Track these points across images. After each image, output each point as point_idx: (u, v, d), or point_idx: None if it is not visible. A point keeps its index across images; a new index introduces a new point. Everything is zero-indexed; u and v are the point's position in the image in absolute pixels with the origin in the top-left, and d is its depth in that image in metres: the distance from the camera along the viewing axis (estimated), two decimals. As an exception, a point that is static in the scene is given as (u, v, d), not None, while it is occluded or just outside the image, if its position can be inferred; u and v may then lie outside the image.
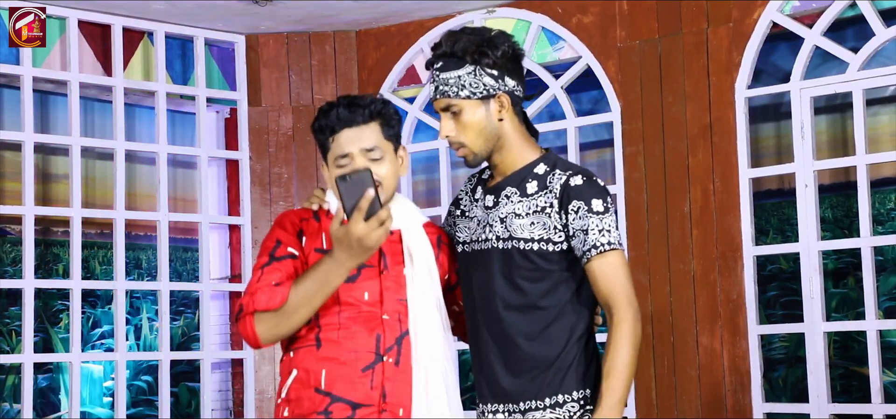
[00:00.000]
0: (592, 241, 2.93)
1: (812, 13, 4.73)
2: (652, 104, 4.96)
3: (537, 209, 2.99)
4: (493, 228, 3.03)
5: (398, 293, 3.01)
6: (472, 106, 3.01)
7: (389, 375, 2.96)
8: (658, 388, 4.87)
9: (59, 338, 5.15)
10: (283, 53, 5.61)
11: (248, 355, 5.42)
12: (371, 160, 2.96)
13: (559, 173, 3.01)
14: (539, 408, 2.98)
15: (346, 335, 2.97)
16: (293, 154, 5.56)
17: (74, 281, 4.97)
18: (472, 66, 3.00)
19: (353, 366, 2.96)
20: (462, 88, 3.00)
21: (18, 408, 4.88)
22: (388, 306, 2.99)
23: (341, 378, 2.95)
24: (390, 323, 2.99)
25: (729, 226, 4.76)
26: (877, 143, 4.84)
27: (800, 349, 4.82)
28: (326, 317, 2.98)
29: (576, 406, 2.97)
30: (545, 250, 2.97)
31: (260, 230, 5.48)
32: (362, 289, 2.98)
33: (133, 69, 5.32)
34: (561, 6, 5.16)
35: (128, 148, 5.22)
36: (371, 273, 2.99)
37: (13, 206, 4.93)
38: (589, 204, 2.95)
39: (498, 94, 3.01)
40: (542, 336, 2.98)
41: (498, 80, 3.01)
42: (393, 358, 2.97)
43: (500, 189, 3.07)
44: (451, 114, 3.03)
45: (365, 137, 2.98)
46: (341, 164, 2.96)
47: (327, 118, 2.99)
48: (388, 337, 2.98)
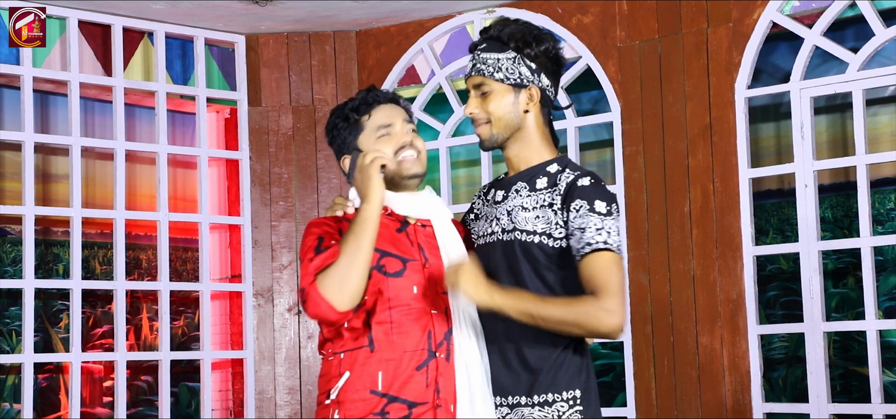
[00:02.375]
0: (589, 239, 2.92)
1: (812, 13, 4.73)
2: (652, 104, 4.96)
3: (543, 204, 3.01)
4: (499, 221, 3.06)
5: (440, 286, 3.03)
6: (503, 90, 3.06)
7: (442, 371, 2.99)
8: (658, 388, 4.87)
9: (59, 338, 5.15)
10: (283, 53, 5.61)
11: (248, 355, 5.42)
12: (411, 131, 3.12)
13: (569, 173, 3.03)
14: (528, 404, 2.99)
15: (400, 333, 2.98)
16: (293, 154, 5.55)
17: (74, 281, 4.97)
18: (513, 53, 3.05)
19: (408, 364, 2.97)
20: (498, 71, 3.05)
21: (18, 408, 4.88)
22: (434, 300, 3.01)
23: (397, 378, 2.96)
24: (438, 317, 3.01)
25: (729, 226, 4.76)
26: (877, 143, 4.84)
27: (800, 349, 4.82)
28: (378, 315, 2.99)
29: (565, 406, 2.98)
30: (545, 245, 2.98)
31: (260, 230, 5.48)
32: (410, 282, 3.01)
33: (133, 69, 5.32)
34: (561, 6, 5.16)
35: (128, 148, 5.22)
36: (415, 266, 3.03)
37: (13, 206, 4.93)
38: (592, 204, 2.95)
39: (530, 86, 3.06)
40: (536, 333, 2.97)
41: (534, 74, 3.06)
42: (444, 353, 2.99)
43: (510, 184, 3.09)
44: (480, 93, 3.09)
45: (397, 113, 3.13)
46: (382, 134, 3.08)
47: (364, 98, 3.11)
48: (437, 332, 3.00)
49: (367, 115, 3.10)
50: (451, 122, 5.44)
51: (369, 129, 3.09)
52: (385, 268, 3.00)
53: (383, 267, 3.00)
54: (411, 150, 3.10)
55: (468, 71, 3.12)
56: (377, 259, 2.99)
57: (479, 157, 5.38)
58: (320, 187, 5.54)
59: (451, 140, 5.42)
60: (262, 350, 5.44)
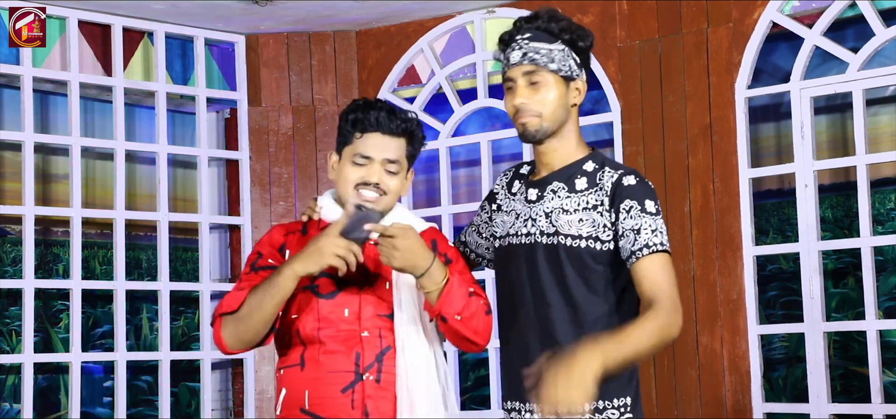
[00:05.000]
0: (644, 241, 2.89)
1: (812, 13, 4.73)
2: (652, 104, 4.96)
3: (587, 206, 2.96)
4: (536, 222, 3.01)
5: (379, 309, 3.00)
6: (557, 81, 3.01)
7: (370, 393, 2.96)
8: (658, 388, 4.87)
9: (59, 338, 5.15)
10: (283, 53, 5.61)
11: (248, 355, 5.42)
12: (388, 172, 3.01)
13: (609, 171, 2.99)
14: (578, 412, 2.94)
15: (327, 355, 2.97)
16: (293, 154, 5.55)
17: (74, 281, 4.97)
18: (563, 46, 3.01)
19: (333, 386, 2.96)
20: (552, 61, 3.00)
21: (18, 408, 4.88)
22: (368, 323, 2.99)
23: (324, 398, 2.96)
24: (370, 339, 2.98)
25: (729, 226, 4.76)
26: (877, 143, 4.84)
27: (800, 349, 4.82)
28: (307, 334, 2.99)
29: (616, 413, 2.94)
30: (592, 249, 2.94)
31: (260, 230, 5.48)
32: (342, 305, 2.99)
33: (133, 69, 5.32)
34: (561, 6, 5.15)
35: (128, 148, 5.22)
36: (351, 290, 3.00)
37: (13, 206, 4.93)
38: (642, 204, 2.93)
39: (577, 80, 3.03)
40: (585, 337, 2.87)
41: (580, 68, 3.04)
42: (373, 375, 2.97)
43: (545, 183, 3.04)
44: (530, 82, 3.00)
45: (391, 148, 3.03)
46: (359, 163, 3.00)
47: (365, 115, 3.02)
48: (367, 354, 2.98)
49: (360, 134, 3.02)
50: (451, 122, 5.44)
51: (353, 148, 3.02)
52: (319, 288, 2.99)
53: (317, 287, 2.99)
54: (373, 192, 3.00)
55: (515, 59, 3.01)
56: (312, 279, 2.97)
57: (479, 157, 5.38)
58: (320, 187, 5.54)
59: (451, 140, 5.42)
60: (261, 350, 5.43)
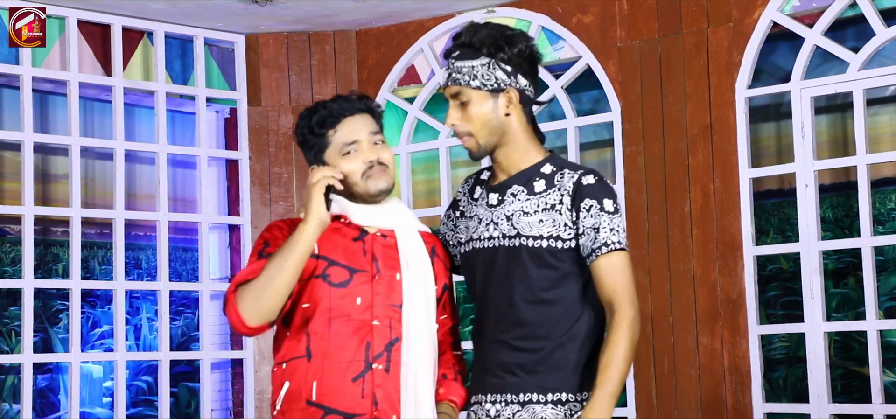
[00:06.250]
0: (603, 240, 2.96)
1: (812, 13, 4.73)
2: (652, 104, 4.95)
3: (546, 207, 3.01)
4: (498, 226, 3.04)
5: (390, 298, 3.00)
6: (481, 97, 3.03)
7: (379, 382, 2.96)
8: (658, 388, 4.87)
9: (58, 338, 5.15)
10: (283, 53, 5.60)
11: (248, 355, 5.42)
12: (377, 144, 3.03)
13: (569, 172, 3.03)
14: (540, 401, 2.98)
15: (336, 344, 2.96)
16: (293, 154, 5.55)
17: (74, 281, 4.97)
18: (487, 59, 3.02)
19: (343, 375, 2.95)
20: (474, 78, 3.02)
21: (18, 408, 4.88)
22: (379, 311, 2.99)
23: (332, 389, 2.95)
24: (380, 329, 2.98)
25: (729, 226, 4.76)
26: (877, 143, 4.84)
27: (800, 349, 4.82)
28: (316, 326, 2.98)
29: (578, 406, 2.98)
30: (554, 248, 2.99)
31: (260, 230, 5.48)
32: (354, 294, 2.98)
33: (133, 69, 5.32)
34: (561, 6, 5.16)
35: (128, 148, 5.22)
36: (363, 278, 2.99)
37: (13, 206, 4.92)
38: (602, 203, 2.98)
39: (507, 89, 3.03)
40: (548, 331, 2.99)
41: (510, 77, 3.03)
42: (382, 364, 2.97)
43: (505, 187, 3.07)
44: (459, 103, 3.05)
45: (367, 123, 3.05)
46: (349, 152, 3.00)
47: (327, 110, 3.03)
48: (377, 343, 2.98)
49: (332, 129, 3.01)
50: (451, 122, 5.43)
51: (335, 146, 3.02)
52: (330, 277, 2.98)
53: (328, 276, 2.98)
54: (379, 168, 3.02)
55: (444, 81, 3.08)
56: (323, 268, 2.97)
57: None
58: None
59: (450, 140, 5.42)
60: (261, 350, 5.43)
